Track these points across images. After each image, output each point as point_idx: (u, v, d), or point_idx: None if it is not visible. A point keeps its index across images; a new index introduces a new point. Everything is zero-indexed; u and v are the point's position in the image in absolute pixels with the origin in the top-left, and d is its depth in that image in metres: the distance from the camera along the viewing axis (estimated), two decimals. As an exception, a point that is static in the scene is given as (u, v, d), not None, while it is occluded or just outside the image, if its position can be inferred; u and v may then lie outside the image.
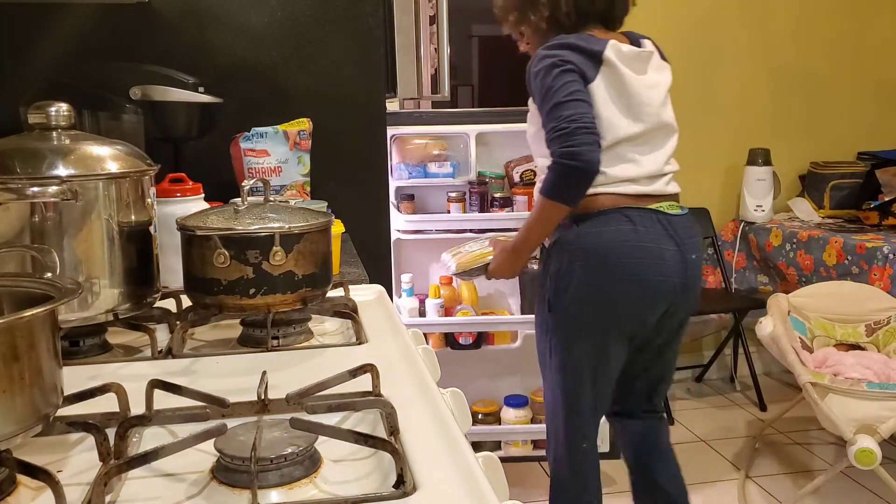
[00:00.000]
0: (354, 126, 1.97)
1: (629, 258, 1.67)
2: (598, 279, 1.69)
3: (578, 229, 1.70)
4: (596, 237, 1.68)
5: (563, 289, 1.72)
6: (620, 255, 1.67)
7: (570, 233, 1.72)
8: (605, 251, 1.68)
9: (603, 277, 1.69)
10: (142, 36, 1.81)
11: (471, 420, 0.96)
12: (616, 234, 1.67)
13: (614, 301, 1.71)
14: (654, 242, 1.68)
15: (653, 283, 1.69)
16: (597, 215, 1.69)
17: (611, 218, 1.68)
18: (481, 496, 0.62)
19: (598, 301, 1.71)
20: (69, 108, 1.00)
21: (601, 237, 1.68)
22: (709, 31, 3.50)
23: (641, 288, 1.69)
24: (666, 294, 1.71)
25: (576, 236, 1.71)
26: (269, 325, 1.02)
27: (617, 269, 1.68)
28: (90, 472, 0.69)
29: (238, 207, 1.03)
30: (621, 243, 1.67)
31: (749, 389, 3.49)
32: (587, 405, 1.81)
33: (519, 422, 2.64)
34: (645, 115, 1.73)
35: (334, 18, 1.93)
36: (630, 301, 1.71)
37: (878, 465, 2.06)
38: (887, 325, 2.55)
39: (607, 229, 1.68)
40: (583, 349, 1.75)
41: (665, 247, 1.69)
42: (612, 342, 1.75)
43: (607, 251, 1.68)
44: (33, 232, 0.96)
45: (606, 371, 1.78)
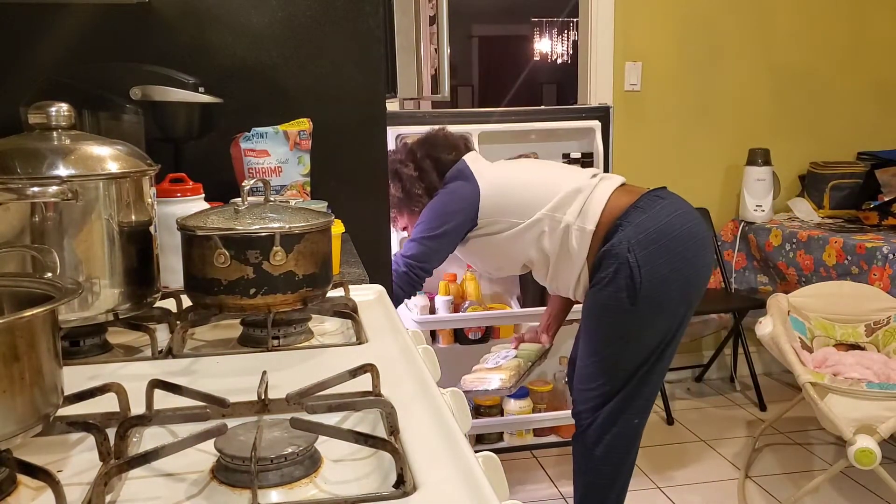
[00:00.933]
0: (354, 126, 1.97)
1: (689, 241, 1.92)
2: (669, 254, 1.90)
3: (623, 229, 1.91)
4: (650, 223, 1.92)
5: (636, 284, 1.88)
6: (684, 239, 1.91)
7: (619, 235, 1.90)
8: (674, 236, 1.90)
9: (677, 250, 1.91)
10: (142, 36, 1.81)
11: (471, 420, 0.96)
12: (673, 219, 1.92)
13: (686, 287, 1.96)
14: (697, 222, 1.97)
15: (705, 266, 1.97)
16: (626, 211, 1.94)
17: (645, 202, 1.95)
18: (481, 496, 0.62)
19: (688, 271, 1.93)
20: (69, 108, 1.00)
21: (655, 221, 1.92)
22: (709, 31, 3.50)
23: (700, 270, 1.96)
24: (708, 275, 2.00)
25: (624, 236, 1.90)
26: (270, 325, 1.02)
27: (687, 254, 1.92)
28: (90, 471, 0.69)
29: (238, 207, 1.03)
30: (681, 224, 1.92)
31: (749, 389, 3.49)
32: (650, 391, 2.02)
33: (521, 412, 2.70)
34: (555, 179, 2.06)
35: (334, 18, 1.93)
36: (693, 286, 1.96)
37: (878, 465, 2.06)
38: (887, 325, 2.55)
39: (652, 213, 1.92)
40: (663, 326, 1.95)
41: (693, 214, 1.96)
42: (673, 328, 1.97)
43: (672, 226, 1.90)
44: (33, 232, 0.96)
45: (660, 361, 1.98)
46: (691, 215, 1.91)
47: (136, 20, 1.80)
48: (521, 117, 2.65)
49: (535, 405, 2.73)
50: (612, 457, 1.99)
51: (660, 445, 3.03)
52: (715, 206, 3.55)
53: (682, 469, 2.81)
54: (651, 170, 3.52)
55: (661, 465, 2.86)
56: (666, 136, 3.54)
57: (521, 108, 2.76)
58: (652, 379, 1.97)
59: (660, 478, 2.76)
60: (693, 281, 1.91)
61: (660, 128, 3.53)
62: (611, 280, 1.86)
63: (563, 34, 8.04)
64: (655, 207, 1.88)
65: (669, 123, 3.54)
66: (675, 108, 3.54)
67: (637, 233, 1.84)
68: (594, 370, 1.97)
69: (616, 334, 1.93)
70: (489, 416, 2.70)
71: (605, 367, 1.96)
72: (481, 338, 2.68)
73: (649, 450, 2.99)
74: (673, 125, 3.54)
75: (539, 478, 2.79)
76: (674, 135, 3.55)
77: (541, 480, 2.77)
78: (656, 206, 1.88)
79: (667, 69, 3.50)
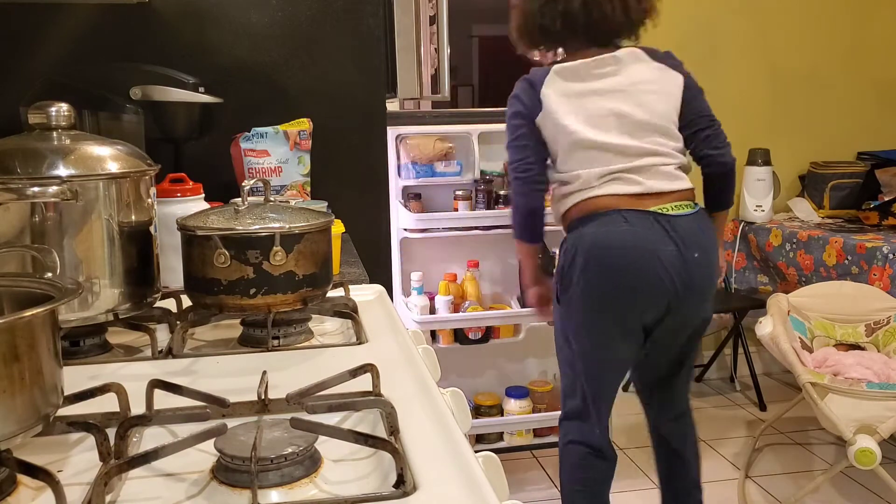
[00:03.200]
0: (354, 126, 1.97)
1: (624, 258, 1.74)
2: (595, 277, 1.76)
3: (581, 230, 1.78)
4: (594, 237, 1.75)
5: (566, 285, 1.80)
6: (613, 258, 1.74)
7: (574, 233, 1.79)
8: (601, 250, 1.75)
9: (600, 276, 1.76)
10: (142, 36, 1.81)
11: (471, 420, 0.96)
12: (609, 237, 1.74)
13: (610, 298, 1.77)
14: (651, 243, 1.73)
15: (648, 282, 1.74)
16: (597, 216, 1.76)
17: (609, 219, 1.75)
18: (481, 496, 0.62)
19: (596, 297, 1.78)
20: (69, 108, 1.00)
21: (598, 237, 1.75)
22: (709, 31, 3.50)
23: (636, 287, 1.75)
24: (662, 295, 1.75)
25: (578, 236, 1.77)
26: (270, 325, 1.02)
27: (613, 268, 1.75)
28: (90, 471, 0.69)
29: (238, 207, 1.03)
30: (618, 245, 1.74)
31: (749, 389, 3.49)
32: (593, 389, 1.93)
33: (521, 412, 2.71)
34: (603, 121, 1.80)
35: (334, 18, 1.93)
36: (625, 299, 1.77)
37: (878, 465, 2.06)
38: (887, 325, 2.55)
39: (605, 230, 1.75)
40: (588, 340, 1.84)
41: (662, 247, 1.73)
42: (614, 335, 1.83)
43: (603, 250, 1.74)
44: (34, 232, 0.96)
45: (610, 361, 1.88)
46: (637, 251, 1.73)
47: (136, 20, 1.80)
48: (522, 117, 2.65)
49: (535, 405, 2.73)
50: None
51: (660, 445, 3.03)
52: (715, 206, 3.55)
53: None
54: (651, 170, 3.52)
55: (661, 465, 2.86)
56: (666, 136, 3.54)
57: (521, 108, 2.75)
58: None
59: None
60: (610, 311, 1.79)
61: (660, 128, 3.53)
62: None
63: (563, 34, 8.04)
64: (615, 227, 1.74)
65: (669, 123, 3.54)
66: (675, 108, 3.54)
67: (585, 241, 1.75)
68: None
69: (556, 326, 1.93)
70: (489, 416, 2.70)
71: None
72: (481, 338, 2.68)
73: (649, 450, 2.99)
74: (673, 125, 3.54)
75: (539, 478, 2.79)
76: (674, 135, 3.55)
77: (541, 480, 2.77)
78: (616, 227, 1.74)
79: (667, 69, 3.49)
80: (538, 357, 2.84)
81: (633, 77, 1.83)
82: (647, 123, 1.80)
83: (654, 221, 1.74)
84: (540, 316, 2.15)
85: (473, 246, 2.71)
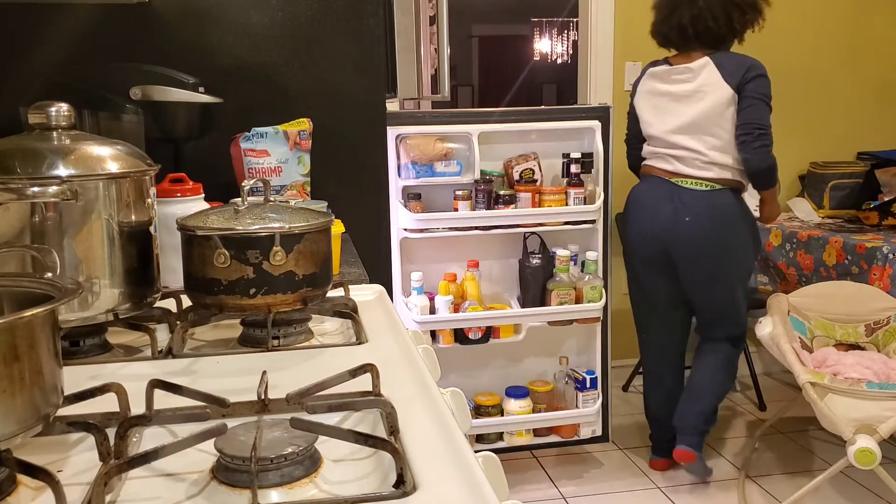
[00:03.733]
0: (354, 126, 1.97)
1: (634, 210, 2.63)
2: (624, 223, 2.73)
3: (635, 186, 2.70)
4: (635, 191, 2.66)
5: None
6: (631, 207, 2.66)
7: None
8: (630, 201, 2.67)
9: (625, 222, 2.71)
10: (142, 36, 1.81)
11: (471, 420, 0.96)
12: (635, 192, 2.65)
13: (627, 240, 2.74)
14: (656, 201, 2.54)
15: (644, 230, 2.59)
16: (644, 178, 2.66)
17: (646, 180, 2.64)
18: (481, 496, 0.62)
19: (624, 239, 2.77)
20: (69, 108, 1.00)
21: (636, 191, 2.66)
22: (709, 31, 3.49)
23: (638, 233, 2.62)
24: (654, 240, 2.55)
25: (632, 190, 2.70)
26: (270, 325, 1.02)
27: (629, 217, 2.66)
28: (90, 471, 0.69)
29: (238, 207, 1.03)
30: (635, 198, 2.64)
31: (749, 389, 3.49)
32: (638, 312, 2.81)
33: (521, 412, 2.70)
34: (664, 118, 2.56)
35: (334, 18, 1.93)
36: (632, 241, 2.67)
37: (878, 465, 2.06)
38: (887, 325, 2.55)
39: (640, 187, 2.65)
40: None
41: (663, 207, 2.52)
42: (637, 269, 2.70)
43: (631, 202, 2.67)
44: (33, 232, 0.96)
45: (639, 290, 2.74)
46: (645, 204, 2.60)
47: (136, 20, 1.80)
48: (521, 117, 2.65)
49: (535, 405, 2.73)
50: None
51: (660, 445, 3.03)
52: (715, 206, 3.54)
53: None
54: (651, 170, 3.52)
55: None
56: (666, 136, 3.54)
57: (521, 108, 2.75)
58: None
59: (660, 478, 2.76)
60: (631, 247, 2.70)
61: (660, 128, 3.53)
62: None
63: (563, 34, 8.05)
64: (645, 185, 2.63)
65: (669, 123, 3.53)
66: (675, 108, 3.53)
67: (632, 193, 2.67)
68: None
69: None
70: (489, 416, 2.70)
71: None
72: (481, 338, 2.68)
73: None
74: (673, 125, 3.54)
75: (539, 478, 2.79)
76: (674, 135, 3.55)
77: (541, 480, 2.77)
78: (646, 185, 2.63)
79: (667, 69, 3.49)
80: (538, 357, 2.84)
81: (698, 85, 2.47)
82: (691, 125, 2.48)
83: (668, 188, 2.52)
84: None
85: (473, 246, 2.71)
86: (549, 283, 2.65)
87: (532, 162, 2.63)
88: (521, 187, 2.60)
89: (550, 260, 2.67)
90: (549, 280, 2.66)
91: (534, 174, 2.62)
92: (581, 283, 2.67)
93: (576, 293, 2.66)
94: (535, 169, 2.63)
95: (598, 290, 2.67)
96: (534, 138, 2.71)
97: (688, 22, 2.46)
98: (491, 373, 2.82)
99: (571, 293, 2.65)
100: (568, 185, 2.63)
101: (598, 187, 2.67)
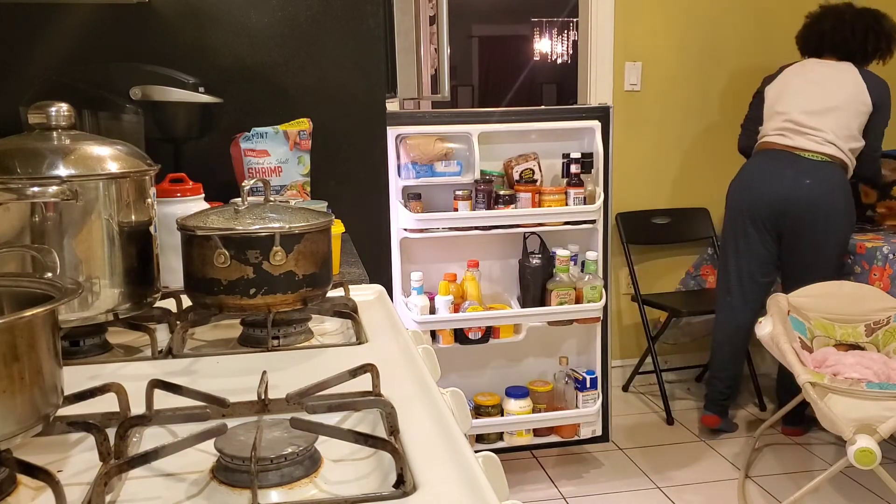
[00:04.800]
0: (354, 126, 1.97)
1: (752, 175, 2.91)
2: (734, 191, 2.99)
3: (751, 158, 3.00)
4: (754, 159, 2.96)
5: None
6: (746, 174, 2.94)
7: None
8: (742, 172, 2.97)
9: (737, 189, 2.97)
10: (142, 36, 1.81)
11: (471, 420, 0.96)
12: (752, 162, 2.96)
13: (735, 205, 2.96)
14: (774, 169, 2.84)
15: (762, 192, 2.84)
16: (759, 152, 2.95)
17: (757, 154, 2.95)
18: (481, 496, 0.62)
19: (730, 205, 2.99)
20: (69, 108, 1.00)
21: (746, 165, 2.99)
22: (709, 31, 3.50)
23: (755, 195, 2.87)
24: (771, 202, 2.82)
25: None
26: (270, 325, 1.02)
27: (742, 184, 2.94)
28: (90, 471, 0.69)
29: (238, 207, 1.03)
30: (752, 166, 2.94)
31: (749, 389, 3.49)
32: (731, 272, 2.97)
33: (521, 412, 2.70)
34: (795, 98, 2.88)
35: (334, 18, 1.93)
36: (743, 204, 2.91)
37: (878, 465, 2.06)
38: (887, 325, 2.55)
39: (752, 160, 2.97)
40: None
41: (784, 171, 2.81)
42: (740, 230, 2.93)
43: (743, 172, 2.97)
44: (33, 232, 0.96)
45: (735, 253, 2.95)
46: (768, 170, 2.88)
47: (136, 20, 1.80)
48: (521, 117, 2.65)
49: (535, 405, 2.73)
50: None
51: (660, 445, 3.03)
52: (715, 206, 3.54)
53: (682, 469, 2.81)
54: (651, 170, 3.52)
55: (661, 465, 2.86)
56: (666, 136, 3.54)
57: (521, 108, 2.75)
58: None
59: (660, 478, 2.76)
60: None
61: (660, 128, 3.53)
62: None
63: (563, 34, 8.05)
64: (768, 154, 2.91)
65: (669, 123, 3.54)
66: (675, 108, 3.54)
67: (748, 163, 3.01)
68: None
69: None
70: (489, 416, 2.70)
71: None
72: (481, 338, 2.68)
73: (649, 450, 2.99)
74: (673, 125, 3.54)
75: (539, 478, 2.79)
76: (674, 135, 3.55)
77: (541, 480, 2.77)
78: (769, 154, 2.90)
79: (667, 69, 3.50)
80: (538, 357, 2.84)
81: (840, 82, 2.81)
82: (824, 111, 2.79)
83: (789, 158, 2.80)
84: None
85: (473, 246, 2.71)
86: (549, 283, 2.65)
87: (532, 162, 2.63)
88: (521, 187, 2.60)
89: (550, 260, 2.67)
90: (549, 280, 2.66)
91: (534, 174, 2.62)
92: (581, 283, 2.67)
93: (576, 293, 2.66)
94: (535, 169, 2.63)
95: (598, 290, 2.67)
96: (534, 138, 2.71)
97: (828, 30, 2.86)
98: (491, 373, 2.82)
99: (571, 293, 2.65)
100: (568, 185, 2.63)
101: (598, 187, 2.67)
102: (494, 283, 2.79)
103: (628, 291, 3.53)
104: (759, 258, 2.89)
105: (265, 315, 1.03)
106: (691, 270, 3.62)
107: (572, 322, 2.73)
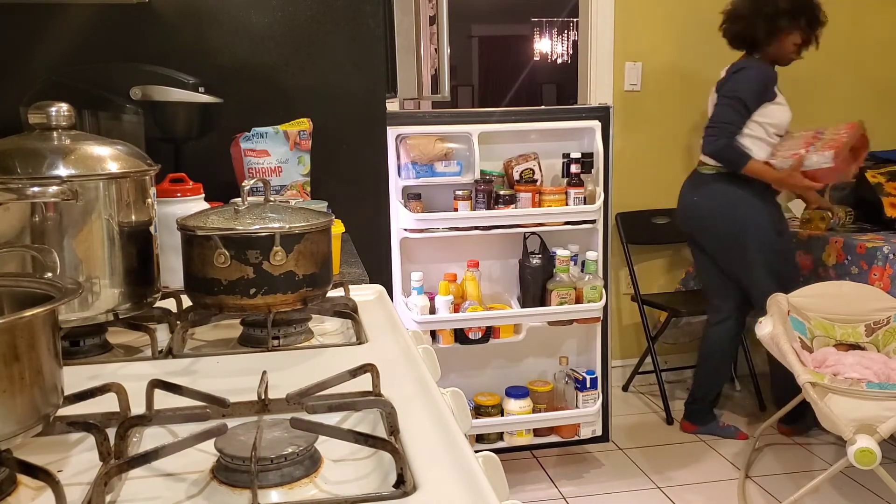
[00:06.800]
0: (354, 126, 1.97)
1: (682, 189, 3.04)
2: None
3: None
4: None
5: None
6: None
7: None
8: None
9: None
10: (142, 36, 1.81)
11: (471, 420, 0.96)
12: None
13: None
14: (685, 184, 3.01)
15: (678, 210, 3.06)
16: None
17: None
18: (481, 496, 0.62)
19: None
20: (69, 108, 1.00)
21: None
22: (709, 31, 3.49)
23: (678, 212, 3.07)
24: (680, 221, 3.06)
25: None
26: (270, 325, 1.02)
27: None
28: (90, 471, 0.69)
29: (238, 207, 1.03)
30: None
31: (749, 389, 3.49)
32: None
33: (521, 412, 2.70)
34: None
35: (334, 18, 1.93)
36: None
37: (878, 465, 2.06)
38: (887, 325, 2.55)
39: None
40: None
41: (684, 188, 2.99)
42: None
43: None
44: (33, 232, 0.96)
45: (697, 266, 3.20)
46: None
47: (136, 20, 1.80)
48: (521, 117, 2.65)
49: (535, 405, 2.73)
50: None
51: (660, 445, 3.03)
52: (715, 206, 3.54)
53: (682, 469, 2.81)
54: (651, 170, 3.52)
55: (661, 465, 2.86)
56: (666, 136, 3.54)
57: (521, 108, 2.75)
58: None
59: (660, 478, 2.76)
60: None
61: (660, 128, 3.53)
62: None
63: (563, 34, 8.05)
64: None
65: (669, 123, 3.54)
66: (675, 108, 3.54)
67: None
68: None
69: None
70: (489, 416, 2.70)
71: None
72: (481, 338, 2.68)
73: (649, 450, 2.99)
74: (673, 125, 3.54)
75: (539, 478, 2.79)
76: (674, 135, 3.55)
77: (541, 480, 2.77)
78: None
79: (667, 69, 3.50)
80: (538, 357, 2.85)
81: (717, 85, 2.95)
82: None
83: (693, 172, 2.96)
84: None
85: (473, 246, 2.71)
86: (549, 283, 2.65)
87: (532, 162, 2.63)
88: (521, 187, 2.60)
89: (550, 260, 2.67)
90: (549, 280, 2.66)
91: (534, 174, 2.62)
92: (581, 283, 2.67)
93: (576, 293, 2.66)
94: (535, 169, 2.63)
95: (598, 290, 2.67)
96: (534, 138, 2.71)
97: (728, 25, 2.99)
98: (491, 373, 2.82)
99: (571, 293, 2.65)
100: (568, 185, 2.63)
101: (598, 187, 2.67)
102: (494, 283, 2.79)
103: (628, 291, 3.53)
104: (710, 269, 3.05)
105: (265, 315, 1.03)
106: (691, 270, 3.61)
107: (572, 322, 2.73)
